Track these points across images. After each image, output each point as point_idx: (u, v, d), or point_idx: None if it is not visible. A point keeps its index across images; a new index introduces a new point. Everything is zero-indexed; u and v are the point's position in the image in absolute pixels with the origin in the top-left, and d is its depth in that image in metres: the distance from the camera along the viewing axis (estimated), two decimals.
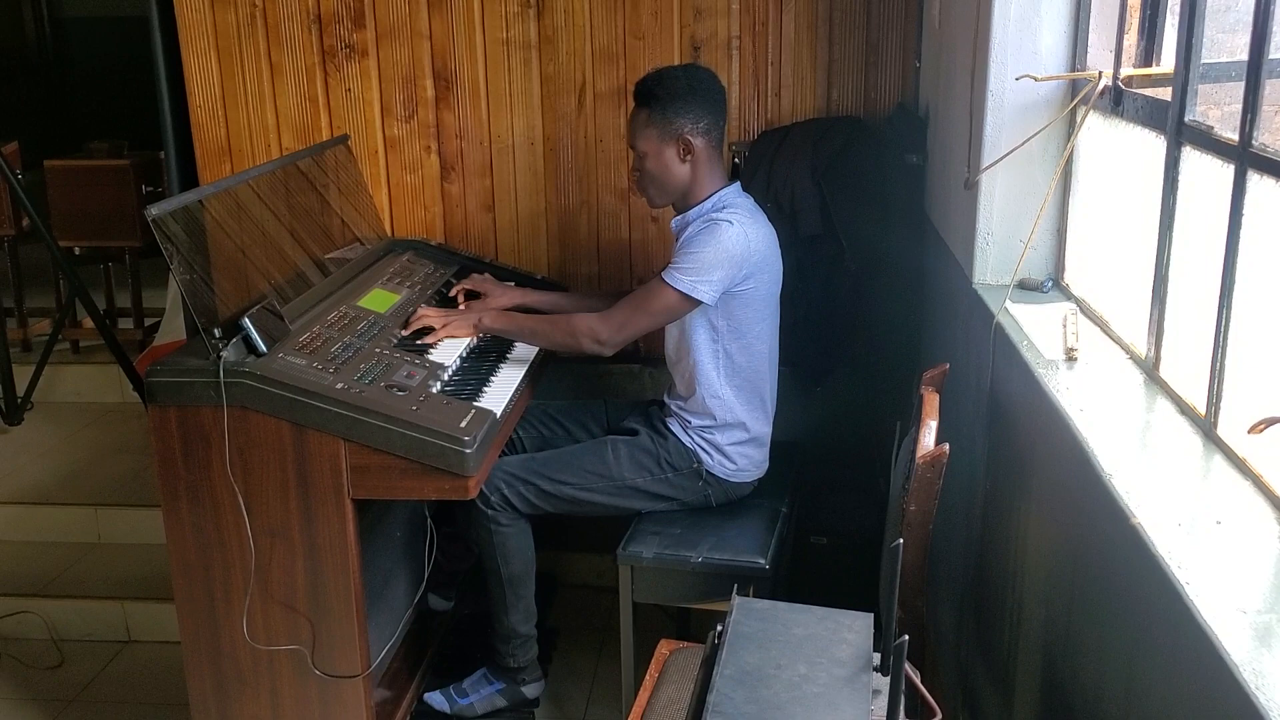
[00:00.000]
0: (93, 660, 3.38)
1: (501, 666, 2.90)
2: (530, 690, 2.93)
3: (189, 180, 3.53)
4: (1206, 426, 1.58)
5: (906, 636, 1.39)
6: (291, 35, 3.36)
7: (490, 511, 2.73)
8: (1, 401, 4.37)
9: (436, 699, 2.91)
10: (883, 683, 1.70)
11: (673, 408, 2.82)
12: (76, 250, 4.69)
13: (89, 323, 4.72)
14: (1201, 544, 1.28)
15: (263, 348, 2.36)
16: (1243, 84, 1.51)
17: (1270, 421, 1.16)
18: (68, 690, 3.24)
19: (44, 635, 3.45)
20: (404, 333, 2.72)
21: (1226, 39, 1.78)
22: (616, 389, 3.44)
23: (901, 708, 1.42)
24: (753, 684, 1.56)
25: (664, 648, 2.50)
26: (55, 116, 6.03)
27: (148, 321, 4.87)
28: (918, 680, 1.76)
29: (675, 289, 2.59)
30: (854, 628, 1.72)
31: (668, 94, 2.63)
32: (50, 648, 3.42)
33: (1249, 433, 1.17)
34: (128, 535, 3.78)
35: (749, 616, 1.74)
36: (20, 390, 4.44)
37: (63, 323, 4.62)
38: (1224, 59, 1.78)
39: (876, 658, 1.66)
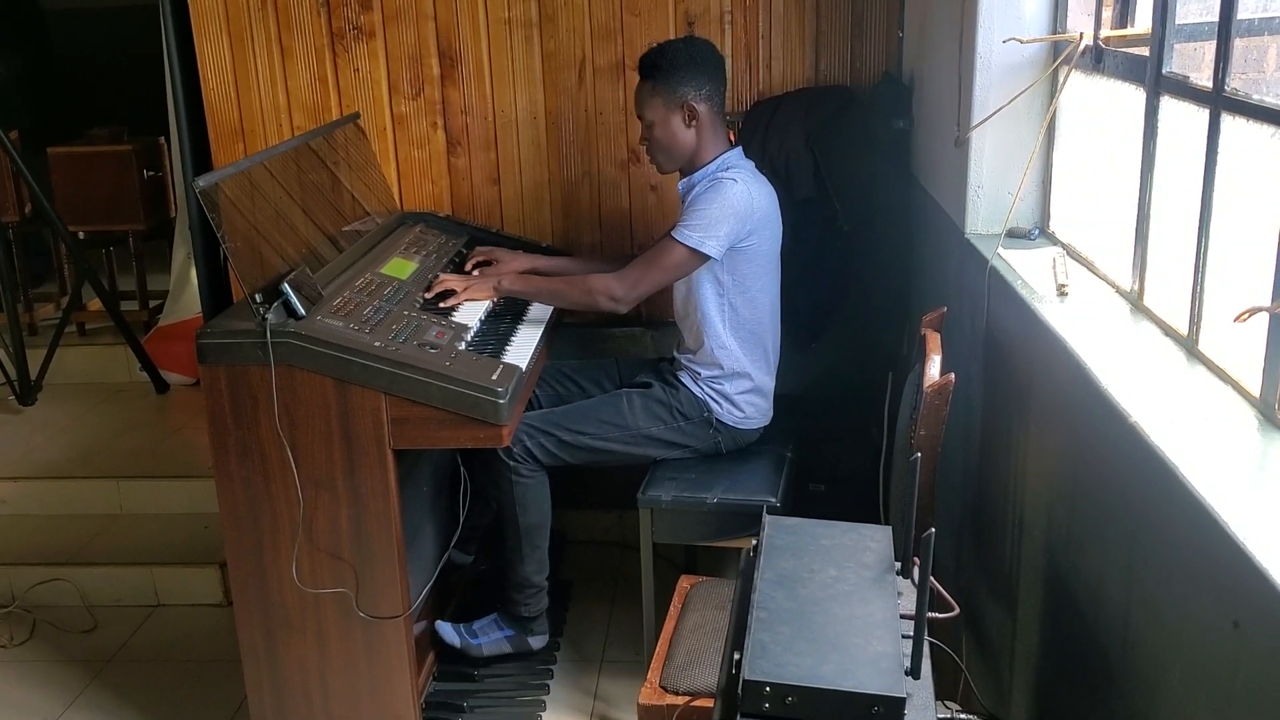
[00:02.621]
0: (125, 624, 3.52)
1: (513, 615, 3.02)
2: (536, 641, 3.05)
3: (201, 163, 3.66)
4: (1189, 345, 1.78)
5: (933, 529, 1.57)
6: (301, 19, 3.49)
7: (512, 463, 2.88)
8: (16, 382, 4.48)
9: (448, 631, 3.01)
10: (904, 585, 1.89)
11: (683, 361, 3.00)
12: (80, 234, 4.80)
13: (95, 305, 4.84)
14: (1192, 435, 1.47)
15: (302, 311, 2.51)
16: (1214, 41, 1.70)
17: (1254, 310, 1.35)
18: (104, 652, 3.38)
19: (76, 602, 3.58)
20: (427, 296, 2.87)
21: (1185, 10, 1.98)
22: (621, 351, 3.59)
23: (929, 593, 1.60)
24: (790, 585, 1.74)
25: (684, 582, 2.68)
26: (43, 105, 6.11)
27: (152, 303, 4.99)
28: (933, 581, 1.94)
29: (684, 245, 2.77)
30: (875, 538, 1.90)
31: (670, 64, 2.81)
32: (83, 613, 3.55)
33: (1235, 321, 1.35)
34: (150, 506, 3.91)
35: (780, 531, 1.91)
36: (31, 372, 4.55)
37: (72, 305, 4.73)
38: (1192, 20, 1.97)
39: (897, 565, 1.85)
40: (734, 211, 2.76)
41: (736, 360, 2.92)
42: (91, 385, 4.81)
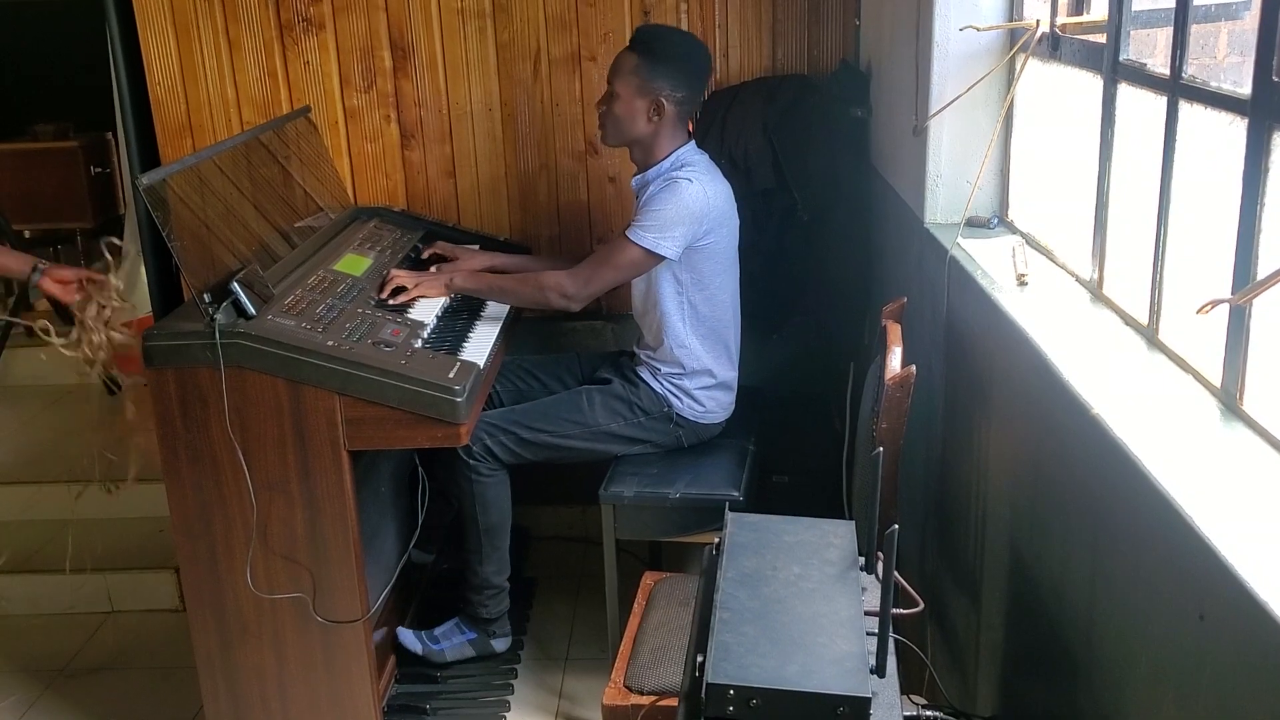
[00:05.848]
0: (79, 631, 3.45)
1: (474, 617, 3.02)
2: (499, 644, 3.06)
3: (148, 159, 3.58)
4: (1149, 334, 1.76)
5: (896, 525, 1.55)
6: (249, 11, 3.42)
7: (473, 461, 2.85)
8: None
9: (409, 638, 3.00)
10: (868, 580, 1.87)
11: (642, 357, 2.96)
12: (26, 233, 4.71)
13: (43, 305, 4.73)
14: (1154, 426, 1.46)
15: (252, 310, 2.46)
16: (1169, 28, 1.69)
17: (1215, 302, 1.33)
18: (57, 660, 3.31)
19: (28, 610, 3.51)
20: (380, 295, 2.82)
21: None
22: (581, 344, 3.57)
23: (893, 589, 1.58)
24: (754, 584, 1.71)
25: (648, 579, 2.65)
26: None
27: None
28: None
29: (639, 245, 2.73)
30: (838, 533, 1.88)
31: (662, 53, 2.77)
32: (35, 621, 3.48)
33: (1197, 313, 1.34)
34: (102, 510, 3.82)
35: (743, 529, 1.89)
36: None
37: (19, 306, 4.62)
38: (1147, 7, 1.96)
39: (860, 560, 1.83)
40: (690, 213, 2.73)
41: (697, 358, 2.89)
42: (41, 387, 4.71)
